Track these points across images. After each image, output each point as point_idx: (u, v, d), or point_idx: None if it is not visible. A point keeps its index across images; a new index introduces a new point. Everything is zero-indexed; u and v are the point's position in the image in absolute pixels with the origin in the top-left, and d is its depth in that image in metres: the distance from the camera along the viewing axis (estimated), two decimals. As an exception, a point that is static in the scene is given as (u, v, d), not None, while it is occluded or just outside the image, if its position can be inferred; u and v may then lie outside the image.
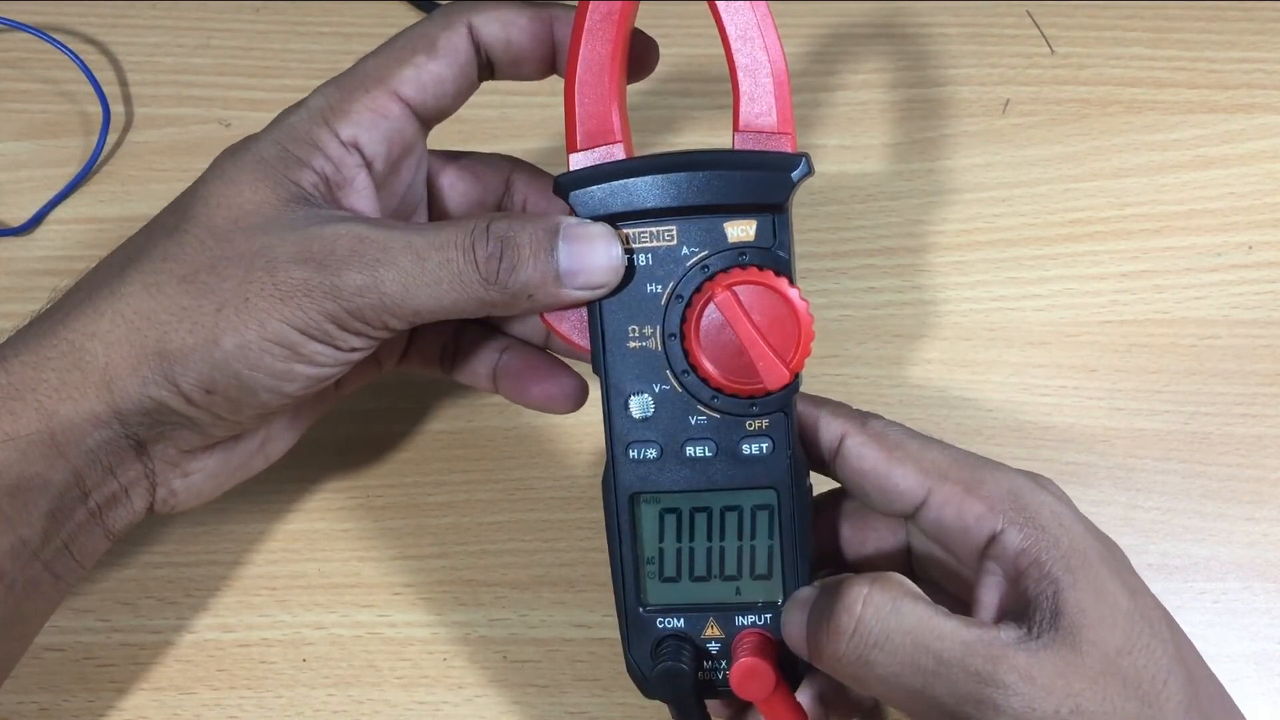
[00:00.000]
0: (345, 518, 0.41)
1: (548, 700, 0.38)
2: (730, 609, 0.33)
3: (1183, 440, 0.43)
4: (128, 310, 0.31)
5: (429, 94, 0.33)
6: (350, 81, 0.33)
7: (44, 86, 0.50)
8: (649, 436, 0.32)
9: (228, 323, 0.30)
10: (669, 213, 0.31)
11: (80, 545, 0.33)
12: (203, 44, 0.51)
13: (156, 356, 0.31)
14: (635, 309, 0.32)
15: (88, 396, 0.31)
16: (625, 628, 0.33)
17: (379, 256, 0.30)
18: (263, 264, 0.30)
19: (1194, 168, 0.48)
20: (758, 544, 0.33)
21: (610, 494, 0.33)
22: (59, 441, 0.31)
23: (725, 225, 0.31)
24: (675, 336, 0.31)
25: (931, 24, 0.51)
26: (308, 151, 0.32)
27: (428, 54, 0.33)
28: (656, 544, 0.33)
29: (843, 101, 0.49)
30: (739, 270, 0.31)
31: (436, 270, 0.30)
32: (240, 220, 0.31)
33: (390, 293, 0.30)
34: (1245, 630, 0.40)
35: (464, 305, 0.31)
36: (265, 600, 0.40)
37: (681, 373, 0.32)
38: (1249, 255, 0.46)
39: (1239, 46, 0.50)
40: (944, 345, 0.44)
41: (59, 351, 0.31)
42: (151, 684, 0.38)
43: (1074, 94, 0.49)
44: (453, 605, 0.40)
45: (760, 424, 0.32)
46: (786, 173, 0.31)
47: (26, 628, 0.33)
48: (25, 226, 0.46)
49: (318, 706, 0.38)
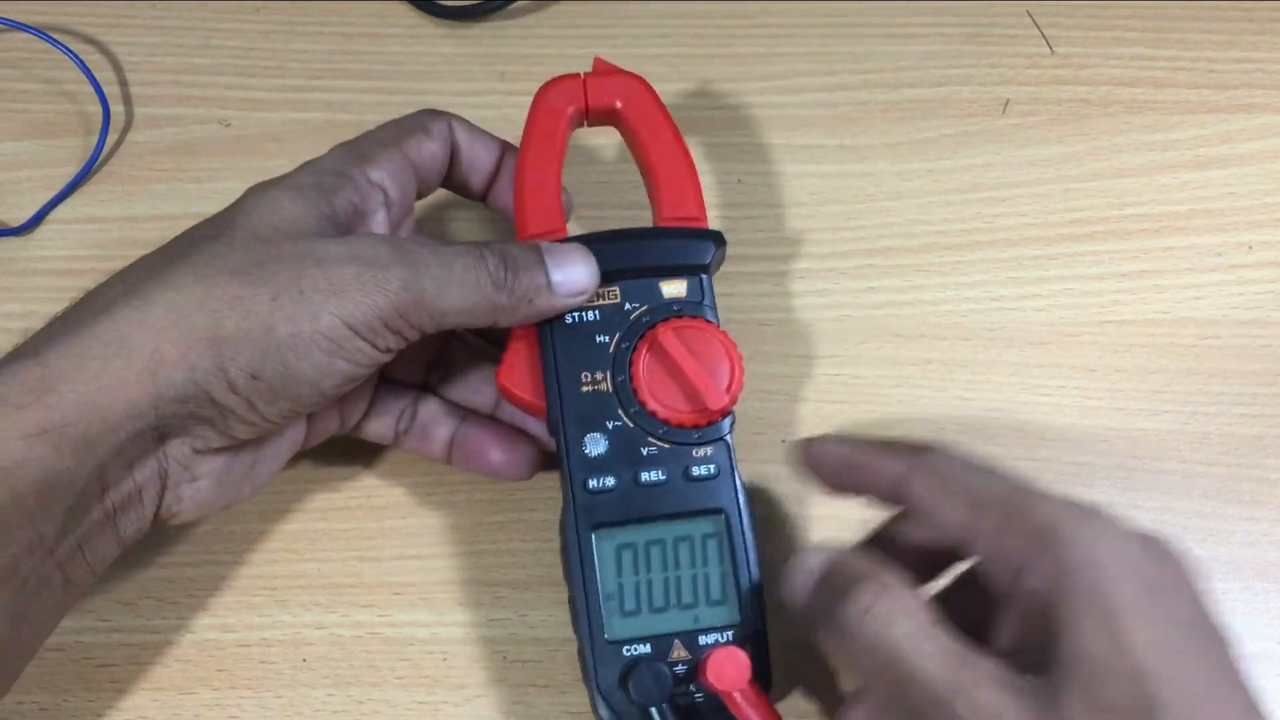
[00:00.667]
0: (345, 518, 0.41)
1: (548, 700, 0.39)
2: (693, 633, 0.34)
3: (1183, 440, 0.43)
4: (179, 299, 0.32)
5: (426, 164, 0.38)
6: (366, 140, 0.38)
7: (44, 86, 0.50)
8: (605, 469, 0.36)
9: (283, 312, 0.32)
10: (613, 275, 0.37)
11: (93, 547, 0.33)
12: (203, 44, 0.51)
13: (208, 342, 0.32)
14: (586, 358, 0.36)
15: (128, 386, 0.31)
16: (591, 659, 0.34)
17: (415, 260, 0.34)
18: (313, 262, 0.33)
19: (1193, 168, 0.48)
20: (710, 570, 0.35)
21: (571, 530, 0.35)
22: (91, 435, 0.31)
23: (661, 284, 0.37)
24: (624, 378, 0.36)
25: (931, 24, 0.51)
26: (339, 182, 0.36)
27: (425, 134, 0.38)
28: (615, 579, 0.35)
29: (843, 101, 0.49)
30: (675, 318, 0.36)
31: (461, 274, 0.34)
32: (282, 229, 0.34)
33: (428, 290, 0.33)
34: (1245, 630, 0.40)
35: (481, 308, 0.35)
36: (265, 600, 0.40)
37: (633, 411, 0.36)
38: (1249, 255, 0.46)
39: (1239, 46, 0.50)
40: (944, 345, 0.44)
41: (101, 341, 0.32)
42: (151, 684, 0.38)
43: (1074, 94, 0.49)
44: (453, 605, 0.40)
45: (705, 451, 0.36)
46: (709, 241, 0.37)
47: (33, 631, 0.33)
48: (25, 226, 0.46)
49: (318, 706, 0.38)
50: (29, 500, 0.31)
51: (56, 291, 0.45)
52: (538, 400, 0.37)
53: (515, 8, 0.51)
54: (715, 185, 0.48)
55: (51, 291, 0.45)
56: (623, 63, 0.41)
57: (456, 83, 0.50)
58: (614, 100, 0.39)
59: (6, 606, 0.31)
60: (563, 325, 0.37)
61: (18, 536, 0.31)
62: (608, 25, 0.51)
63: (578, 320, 0.37)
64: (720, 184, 0.48)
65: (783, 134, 0.49)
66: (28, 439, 0.31)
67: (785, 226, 0.47)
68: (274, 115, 0.49)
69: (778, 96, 0.50)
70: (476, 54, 0.51)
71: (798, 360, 0.44)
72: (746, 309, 0.45)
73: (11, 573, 0.31)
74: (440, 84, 0.50)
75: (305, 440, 0.38)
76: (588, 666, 0.34)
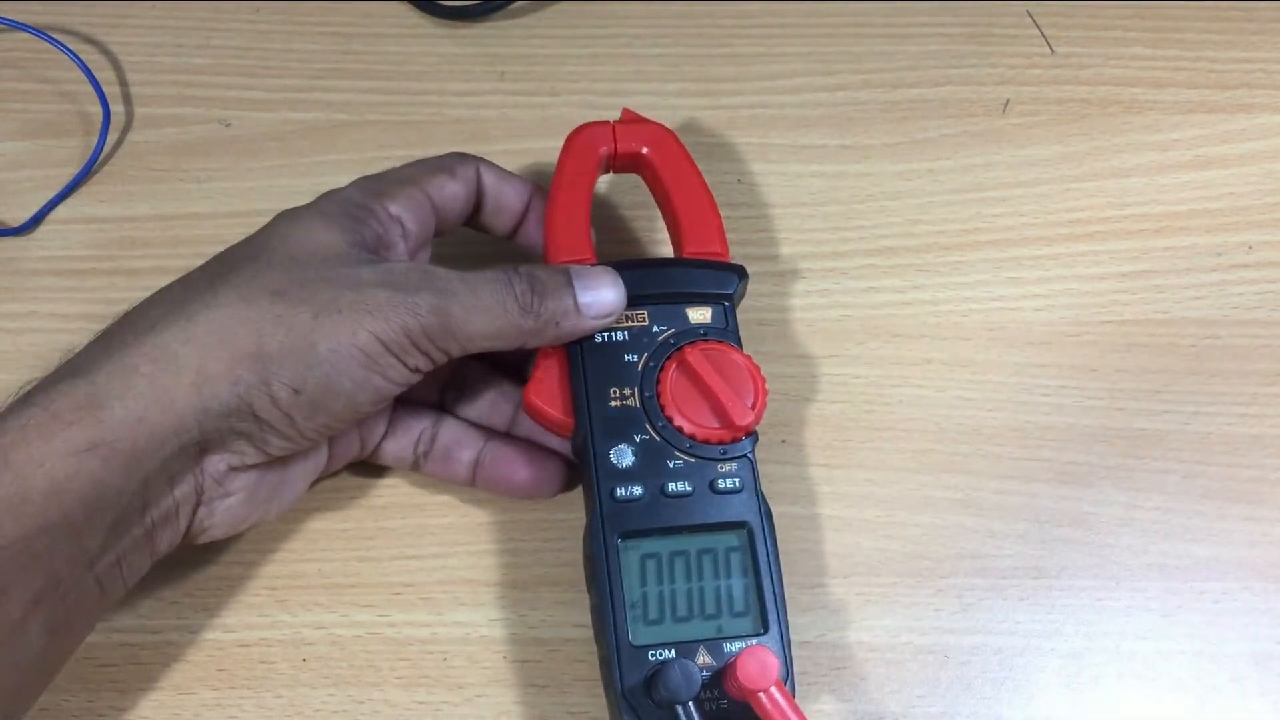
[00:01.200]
0: (345, 518, 0.41)
1: (548, 700, 0.38)
2: (717, 641, 0.35)
3: (1183, 440, 0.43)
4: (223, 317, 0.33)
5: (448, 204, 0.40)
6: (388, 177, 0.39)
7: (44, 86, 0.50)
8: (633, 480, 0.36)
9: (323, 329, 0.33)
10: (642, 299, 0.38)
11: (130, 562, 0.34)
12: (203, 44, 0.51)
13: (252, 358, 0.33)
14: (615, 375, 0.37)
15: (176, 401, 0.32)
16: (616, 663, 0.34)
17: (444, 287, 0.35)
18: (349, 284, 0.34)
19: (1194, 168, 0.48)
20: (734, 582, 0.36)
21: (598, 537, 0.36)
22: (139, 450, 0.32)
23: (687, 310, 0.39)
24: (652, 395, 0.37)
25: (931, 24, 0.51)
26: (363, 214, 0.37)
27: (449, 175, 0.40)
28: (640, 588, 0.35)
29: (843, 101, 0.49)
30: (702, 341, 0.38)
31: (488, 299, 0.35)
32: (317, 253, 0.35)
33: (455, 315, 0.35)
34: (1245, 630, 0.40)
35: (507, 332, 0.36)
36: (265, 600, 0.40)
37: (660, 425, 0.37)
38: (1249, 255, 0.46)
39: (1239, 46, 0.50)
40: (944, 345, 0.44)
41: (149, 359, 0.33)
42: (151, 684, 0.38)
43: (1074, 94, 0.49)
44: (453, 605, 0.40)
45: (730, 466, 0.37)
46: (733, 273, 0.39)
47: (69, 642, 0.34)
48: (25, 226, 0.46)
49: (318, 706, 0.38)
50: (77, 515, 0.31)
51: (56, 291, 0.45)
52: (566, 417, 0.37)
53: (515, 8, 0.51)
54: (715, 185, 0.47)
55: (51, 291, 0.45)
56: (623, 63, 0.41)
57: (456, 83, 0.50)
58: (641, 146, 0.41)
59: (48, 619, 0.31)
60: (592, 344, 0.38)
61: (63, 550, 0.31)
62: (608, 25, 0.51)
63: (607, 340, 0.38)
64: (720, 184, 0.48)
65: (783, 134, 0.49)
66: (78, 454, 0.31)
67: (785, 226, 0.47)
68: (274, 115, 0.49)
69: (778, 96, 0.50)
70: (476, 54, 0.51)
71: (798, 360, 0.44)
72: (746, 309, 0.45)
73: (55, 585, 0.31)
74: (440, 84, 0.50)
75: (327, 465, 0.39)
76: (612, 670, 0.34)
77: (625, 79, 0.50)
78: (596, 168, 0.41)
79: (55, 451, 0.31)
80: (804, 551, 0.40)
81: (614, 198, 0.47)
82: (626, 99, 0.49)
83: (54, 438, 0.31)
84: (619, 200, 0.47)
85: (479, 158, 0.41)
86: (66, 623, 0.32)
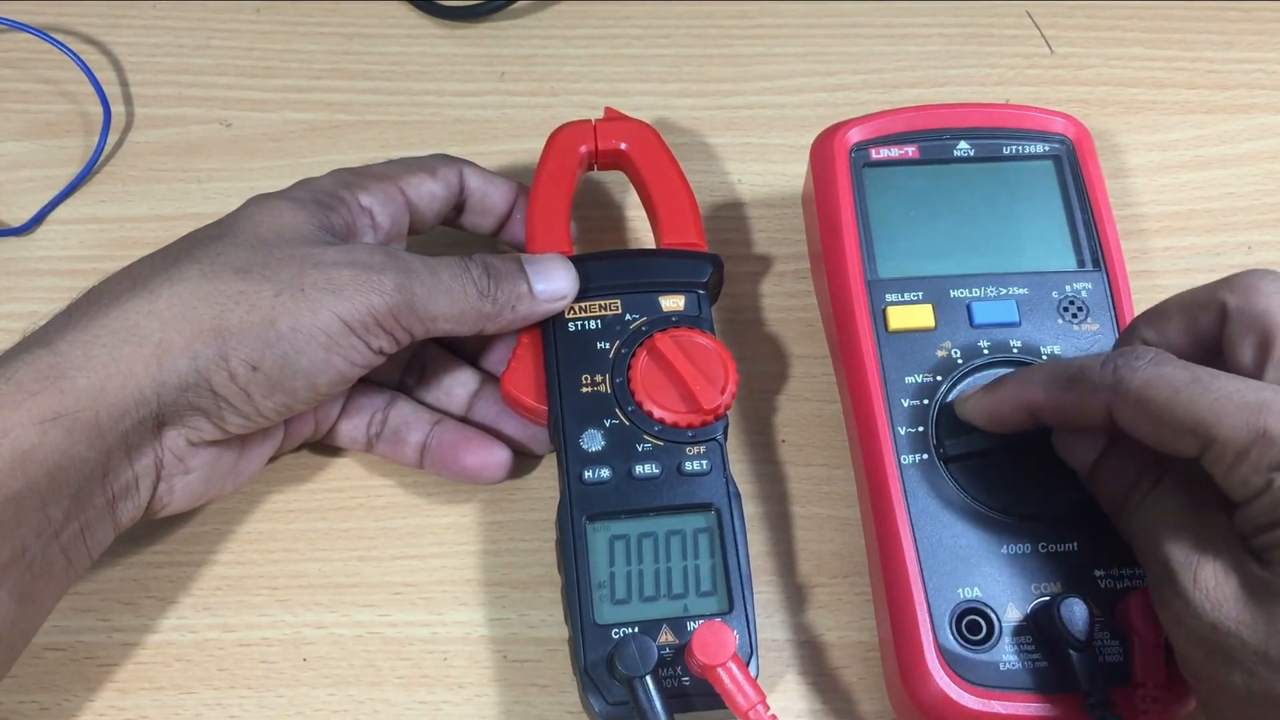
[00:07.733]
0: (345, 518, 0.41)
1: (548, 700, 0.38)
2: (681, 619, 0.35)
3: (1182, 440, 0.43)
4: (185, 292, 0.34)
5: (424, 202, 0.40)
6: (365, 171, 0.40)
7: (44, 86, 0.50)
8: (601, 462, 0.37)
9: (284, 307, 0.34)
10: (616, 288, 0.39)
11: (93, 532, 0.34)
12: (203, 44, 0.51)
13: (212, 333, 0.33)
14: (587, 362, 0.38)
15: (135, 373, 0.33)
16: (580, 641, 0.35)
17: (407, 266, 0.36)
18: (313, 263, 0.35)
19: (1193, 168, 0.48)
20: (700, 562, 0.36)
21: (566, 520, 0.36)
22: (101, 421, 0.32)
23: (660, 298, 0.39)
24: (622, 380, 0.38)
25: (931, 24, 0.51)
26: (334, 201, 0.38)
27: (429, 175, 0.40)
28: (607, 568, 0.36)
29: (843, 102, 0.49)
30: (674, 328, 0.38)
31: (449, 282, 0.36)
32: (283, 233, 0.36)
33: (419, 294, 0.35)
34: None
35: (468, 316, 0.37)
36: (265, 600, 0.40)
37: (629, 410, 0.37)
38: (1249, 255, 0.46)
39: (1238, 47, 0.50)
40: (944, 345, 0.44)
41: (110, 330, 0.33)
42: (151, 684, 0.38)
43: (1074, 94, 0.49)
44: (453, 605, 0.40)
45: (698, 449, 0.37)
46: (706, 262, 0.40)
47: (37, 612, 0.34)
48: (25, 226, 0.46)
49: (318, 706, 0.38)
50: (41, 484, 0.32)
51: (56, 291, 0.45)
52: (540, 404, 0.38)
53: (515, 8, 0.52)
54: (716, 185, 0.48)
55: (51, 291, 0.45)
56: (623, 63, 0.41)
57: (456, 83, 0.50)
58: (621, 142, 0.42)
59: (15, 587, 0.32)
60: (566, 332, 0.38)
61: (29, 519, 0.32)
62: (608, 25, 0.51)
63: (581, 328, 0.39)
64: (720, 184, 0.48)
65: (783, 134, 0.49)
66: (42, 424, 0.32)
67: (785, 226, 0.47)
68: (274, 115, 0.49)
69: (778, 96, 0.50)
70: (476, 54, 0.51)
71: (796, 360, 0.44)
72: (745, 309, 0.45)
73: (21, 554, 0.32)
74: (440, 84, 0.50)
75: (283, 443, 0.39)
76: (576, 647, 0.35)
77: (625, 79, 0.50)
78: (578, 165, 0.42)
79: (20, 421, 0.31)
80: (804, 551, 0.40)
81: (614, 197, 0.47)
82: (626, 99, 0.49)
83: (18, 408, 0.31)
84: (619, 200, 0.47)
85: (464, 160, 0.42)
86: (33, 592, 0.33)
